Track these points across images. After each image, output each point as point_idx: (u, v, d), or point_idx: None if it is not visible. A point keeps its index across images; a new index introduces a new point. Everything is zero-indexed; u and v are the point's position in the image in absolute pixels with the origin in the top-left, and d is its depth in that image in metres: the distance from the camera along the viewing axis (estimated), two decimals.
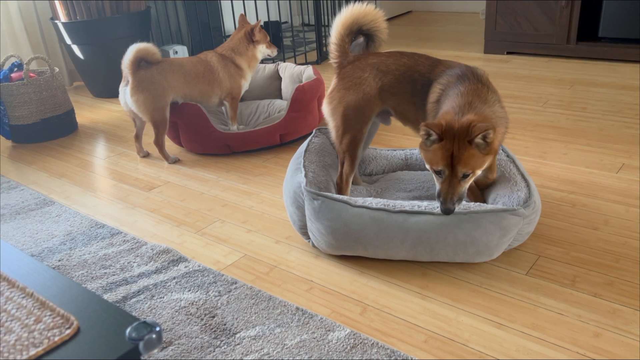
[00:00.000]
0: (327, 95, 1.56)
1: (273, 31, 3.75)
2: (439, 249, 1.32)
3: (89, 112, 2.94)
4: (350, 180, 1.58)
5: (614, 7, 2.98)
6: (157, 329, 0.72)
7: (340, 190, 1.58)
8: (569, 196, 1.69)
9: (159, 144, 2.16)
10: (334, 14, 3.96)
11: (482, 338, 1.15)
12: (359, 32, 1.58)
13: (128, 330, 0.72)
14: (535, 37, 3.28)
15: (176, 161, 2.19)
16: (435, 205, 1.33)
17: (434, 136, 1.26)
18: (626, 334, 1.13)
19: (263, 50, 2.30)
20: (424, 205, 1.34)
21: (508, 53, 3.43)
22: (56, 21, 2.94)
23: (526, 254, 1.42)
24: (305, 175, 1.47)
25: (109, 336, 0.71)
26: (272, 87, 2.62)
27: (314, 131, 1.76)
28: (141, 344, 0.71)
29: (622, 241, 1.44)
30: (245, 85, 2.29)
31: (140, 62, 2.06)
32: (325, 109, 1.56)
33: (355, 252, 1.40)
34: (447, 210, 1.27)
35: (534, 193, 1.38)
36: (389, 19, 4.89)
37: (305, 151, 1.61)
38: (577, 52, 3.18)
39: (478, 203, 1.35)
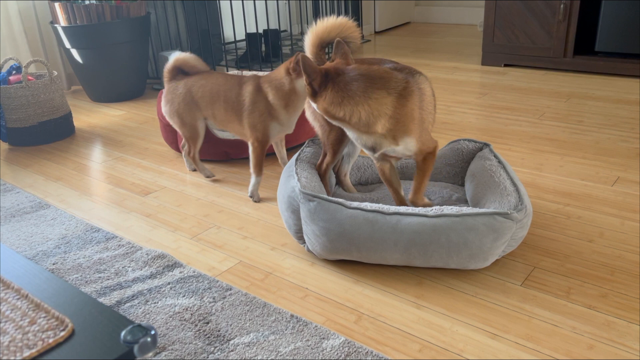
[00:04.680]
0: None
1: (272, 40, 3.77)
2: (433, 251, 1.33)
3: (87, 116, 2.94)
4: (330, 168, 1.67)
5: (610, 21, 3.01)
6: (152, 332, 0.72)
7: (321, 177, 1.67)
8: (565, 208, 1.69)
9: (192, 157, 2.02)
10: None
11: (476, 348, 1.15)
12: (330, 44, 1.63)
13: (123, 333, 0.72)
14: (532, 50, 3.31)
15: (211, 177, 2.04)
16: (429, 209, 1.35)
17: None
18: (620, 347, 1.13)
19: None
20: (417, 209, 1.35)
21: (505, 65, 3.45)
22: (56, 25, 2.95)
23: (521, 265, 1.42)
24: (299, 180, 1.48)
25: (103, 339, 0.70)
26: None
27: (306, 141, 1.79)
28: (136, 347, 0.70)
29: (617, 254, 1.45)
30: (276, 128, 1.81)
31: (178, 73, 1.96)
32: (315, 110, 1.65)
33: (349, 254, 1.40)
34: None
35: (524, 197, 1.40)
36: (387, 30, 4.92)
37: (297, 160, 1.63)
38: (573, 66, 3.21)
39: (470, 207, 1.36)
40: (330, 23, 1.60)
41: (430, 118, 1.50)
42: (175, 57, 1.94)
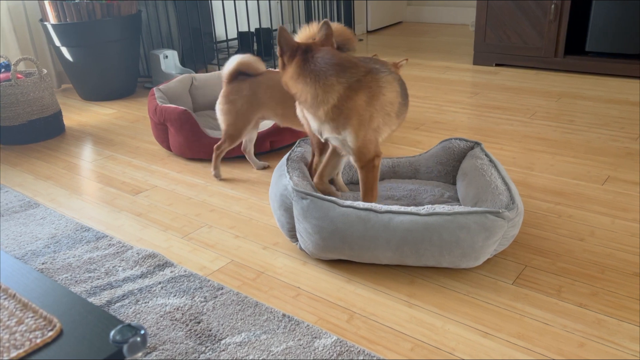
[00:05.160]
0: None
1: (264, 39, 3.76)
2: (425, 249, 1.33)
3: (77, 114, 2.92)
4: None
5: (600, 22, 3.03)
6: (142, 332, 0.71)
7: (312, 177, 1.69)
8: (556, 207, 1.70)
9: (218, 150, 2.01)
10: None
11: (468, 347, 1.15)
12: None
13: (112, 332, 0.71)
14: (523, 50, 3.32)
15: (219, 177, 2.04)
16: (421, 208, 1.35)
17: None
18: (610, 344, 1.14)
19: None
20: (410, 208, 1.35)
21: (497, 65, 3.46)
22: (45, 23, 2.92)
23: (513, 264, 1.43)
24: (291, 179, 1.48)
25: (92, 339, 0.69)
26: None
27: (297, 142, 1.78)
28: (125, 347, 0.70)
29: (607, 252, 1.46)
30: None
31: (239, 75, 1.96)
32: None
33: (342, 253, 1.40)
34: None
35: (515, 196, 1.40)
36: (379, 29, 4.93)
37: (288, 160, 1.63)
38: (564, 66, 3.22)
39: (462, 206, 1.37)
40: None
41: (384, 121, 1.45)
42: (237, 60, 1.94)
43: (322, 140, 1.57)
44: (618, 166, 1.96)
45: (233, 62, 1.94)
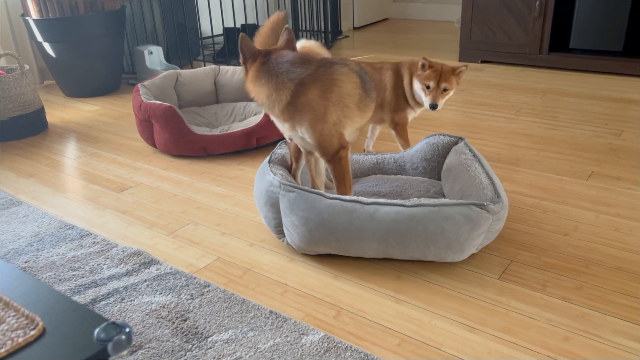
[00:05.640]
0: None
1: (250, 35, 3.74)
2: (410, 240, 1.33)
3: (60, 111, 2.88)
4: (298, 172, 1.68)
5: (584, 19, 3.06)
6: (127, 329, 0.70)
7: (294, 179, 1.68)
8: (541, 202, 1.71)
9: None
10: (312, 19, 3.96)
11: (455, 342, 1.16)
12: None
13: (96, 331, 0.70)
14: (509, 47, 3.34)
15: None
16: (407, 200, 1.37)
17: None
18: (595, 338, 1.15)
19: (417, 88, 1.87)
20: (396, 200, 1.36)
21: (482, 62, 3.48)
22: (27, 18, 2.87)
23: (498, 259, 1.44)
24: (275, 175, 1.47)
25: (76, 337, 0.68)
26: None
27: (279, 143, 1.77)
28: (110, 345, 0.69)
29: (591, 247, 1.47)
30: (411, 114, 1.98)
31: None
32: None
33: (328, 245, 1.40)
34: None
35: (499, 190, 1.41)
36: (365, 26, 4.93)
37: (269, 162, 1.61)
38: (549, 62, 3.25)
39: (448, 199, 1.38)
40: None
41: (344, 113, 1.43)
42: (300, 45, 1.90)
43: (289, 140, 1.57)
44: (602, 162, 1.98)
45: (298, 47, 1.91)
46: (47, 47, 2.93)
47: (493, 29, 3.35)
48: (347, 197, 1.38)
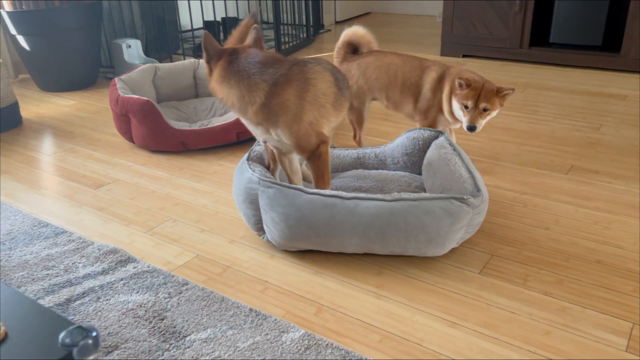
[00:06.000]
0: None
1: (231, 28, 3.70)
2: (390, 234, 1.32)
3: (36, 106, 2.81)
4: (277, 170, 1.64)
5: (564, 14, 3.07)
6: (94, 333, 0.68)
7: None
8: (521, 196, 1.72)
9: (358, 140, 2.00)
10: (293, 12, 3.92)
11: (436, 337, 1.15)
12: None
13: (62, 335, 0.67)
14: (490, 41, 3.35)
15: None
16: (387, 195, 1.36)
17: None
18: (575, 331, 1.15)
19: (456, 107, 1.75)
20: (376, 195, 1.35)
21: (464, 56, 3.49)
22: (0, 10, 2.80)
23: (479, 253, 1.43)
24: (254, 172, 1.45)
25: (40, 342, 0.65)
26: None
27: (256, 140, 1.74)
28: (75, 350, 0.66)
29: (571, 241, 1.48)
30: (442, 122, 1.88)
31: (350, 51, 1.90)
32: None
33: (309, 241, 1.38)
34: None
35: (480, 184, 1.41)
36: (348, 20, 4.90)
37: (248, 159, 1.58)
38: (529, 57, 3.27)
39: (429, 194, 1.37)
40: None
41: (320, 113, 1.41)
42: (346, 31, 1.87)
43: (262, 142, 1.53)
44: (581, 156, 1.99)
45: (344, 34, 1.89)
46: (21, 40, 2.86)
47: (474, 23, 3.35)
48: (327, 192, 1.36)
